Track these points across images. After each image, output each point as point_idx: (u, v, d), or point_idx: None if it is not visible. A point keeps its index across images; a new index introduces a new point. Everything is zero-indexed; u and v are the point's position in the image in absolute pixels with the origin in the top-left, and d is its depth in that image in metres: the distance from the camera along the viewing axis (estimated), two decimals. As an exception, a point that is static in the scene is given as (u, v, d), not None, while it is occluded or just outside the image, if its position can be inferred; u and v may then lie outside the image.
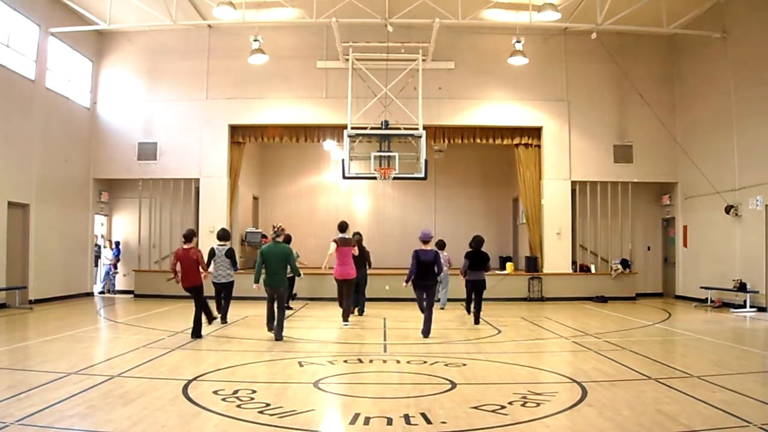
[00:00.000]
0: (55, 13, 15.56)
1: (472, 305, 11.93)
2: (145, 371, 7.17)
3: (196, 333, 9.70)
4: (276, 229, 9.90)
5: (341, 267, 11.57)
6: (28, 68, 14.79)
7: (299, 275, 10.66)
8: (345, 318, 11.39)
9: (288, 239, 12.97)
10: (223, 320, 11.49)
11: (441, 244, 13.88)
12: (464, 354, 8.51)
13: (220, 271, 11.44)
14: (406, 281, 10.08)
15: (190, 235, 10.04)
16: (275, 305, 9.78)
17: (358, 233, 12.92)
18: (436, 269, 10.01)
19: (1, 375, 6.92)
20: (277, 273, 9.59)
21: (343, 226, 12.03)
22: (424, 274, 9.92)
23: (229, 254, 11.43)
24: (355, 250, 11.89)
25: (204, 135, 17.64)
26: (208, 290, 10.44)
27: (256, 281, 9.86)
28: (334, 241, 11.75)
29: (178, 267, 9.85)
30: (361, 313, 13.07)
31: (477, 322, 11.56)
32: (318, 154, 22.25)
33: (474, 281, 11.69)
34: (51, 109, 15.67)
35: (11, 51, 14.10)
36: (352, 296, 11.97)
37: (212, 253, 11.44)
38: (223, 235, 11.76)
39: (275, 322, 9.69)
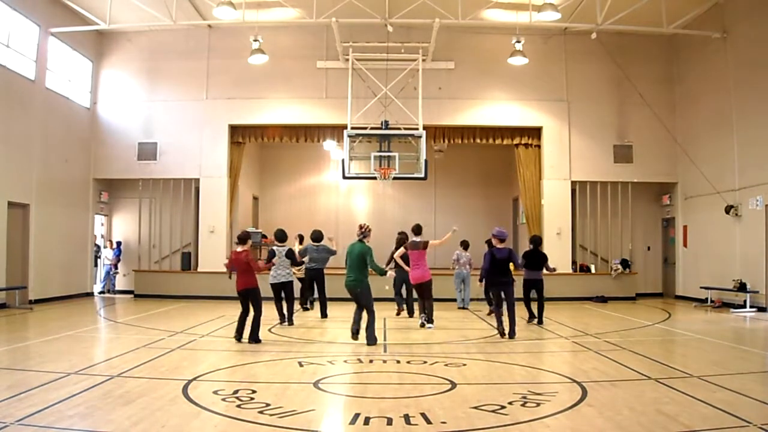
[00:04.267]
0: (55, 13, 15.56)
1: (532, 305, 11.96)
2: (145, 371, 7.17)
3: (254, 337, 9.28)
4: (363, 230, 9.59)
5: (413, 270, 11.15)
6: (28, 68, 14.78)
7: (383, 273, 9.88)
8: (429, 320, 11.10)
9: (301, 239, 13.00)
10: (290, 322, 11.38)
11: (465, 245, 14.28)
12: (464, 354, 8.51)
13: (279, 271, 11.31)
14: (480, 280, 10.27)
15: (245, 238, 9.70)
16: (360, 308, 9.40)
17: (401, 233, 12.48)
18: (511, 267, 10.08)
19: (1, 375, 6.92)
20: (352, 271, 9.26)
21: (416, 230, 11.52)
22: (500, 272, 9.93)
23: (289, 255, 11.38)
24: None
25: (204, 135, 17.64)
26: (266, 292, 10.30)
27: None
28: (405, 246, 11.42)
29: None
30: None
31: (541, 321, 11.57)
32: (318, 154, 22.25)
33: (531, 281, 11.75)
34: (51, 109, 15.67)
35: (11, 51, 14.09)
36: (414, 298, 11.75)
37: (273, 254, 11.25)
38: (282, 237, 11.70)
39: (365, 325, 9.29)
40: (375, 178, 16.13)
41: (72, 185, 16.85)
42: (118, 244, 18.61)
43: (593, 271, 17.72)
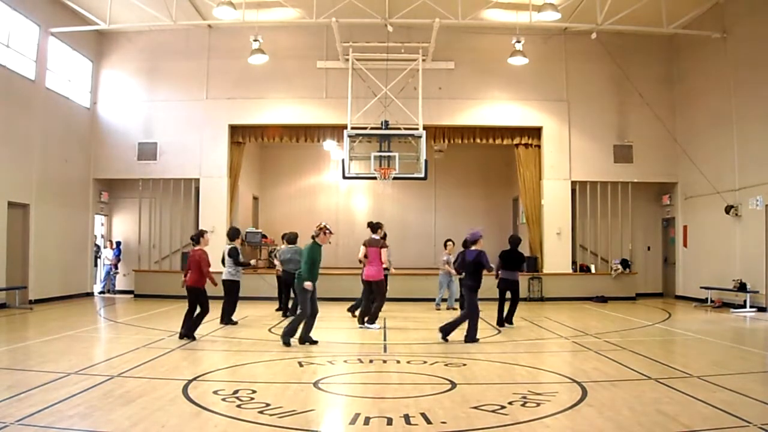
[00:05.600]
0: (55, 13, 15.56)
1: (505, 306, 11.64)
2: (145, 371, 7.16)
3: (190, 333, 9.63)
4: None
5: (368, 267, 11.19)
6: (28, 68, 14.78)
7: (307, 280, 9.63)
8: (372, 320, 11.09)
9: (294, 237, 12.94)
10: (229, 321, 11.43)
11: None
12: (464, 354, 8.51)
13: (227, 269, 11.49)
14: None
15: (198, 237, 9.91)
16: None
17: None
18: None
19: (1, 375, 6.92)
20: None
21: (374, 227, 11.55)
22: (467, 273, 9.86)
23: (232, 253, 11.42)
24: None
25: (204, 135, 17.64)
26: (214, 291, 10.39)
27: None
28: (364, 243, 11.38)
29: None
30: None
31: (510, 322, 11.37)
32: (318, 154, 22.26)
33: (507, 281, 11.40)
34: (51, 109, 15.67)
35: (11, 51, 14.09)
36: (366, 298, 11.49)
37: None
38: (233, 235, 11.85)
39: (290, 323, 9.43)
40: (375, 178, 16.13)
41: (72, 185, 16.85)
42: (118, 244, 18.61)
43: (593, 271, 17.73)
